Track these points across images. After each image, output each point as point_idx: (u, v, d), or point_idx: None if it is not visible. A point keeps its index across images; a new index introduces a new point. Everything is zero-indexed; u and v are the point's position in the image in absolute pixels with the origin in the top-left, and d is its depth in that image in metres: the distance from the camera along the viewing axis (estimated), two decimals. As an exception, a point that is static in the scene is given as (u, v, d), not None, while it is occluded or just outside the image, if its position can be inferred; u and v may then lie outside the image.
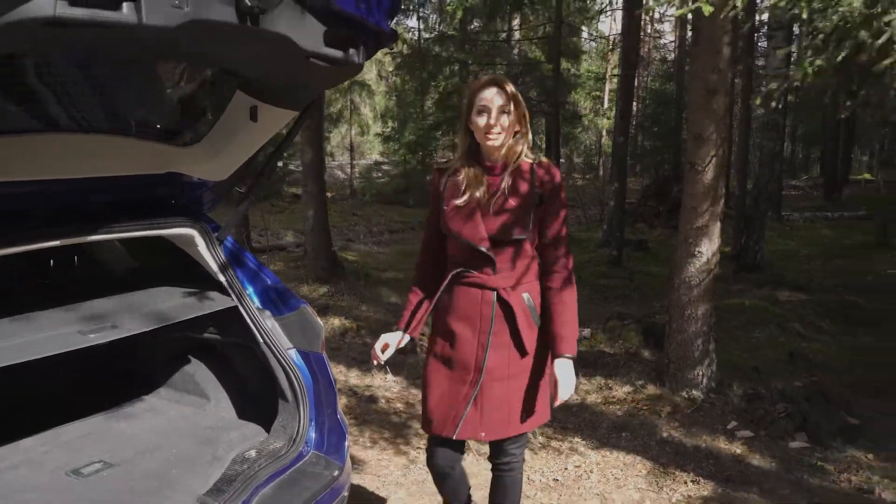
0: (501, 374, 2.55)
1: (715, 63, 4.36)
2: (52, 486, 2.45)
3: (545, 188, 2.53)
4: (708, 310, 4.75)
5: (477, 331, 2.56)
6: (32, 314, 2.46)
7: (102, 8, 1.52)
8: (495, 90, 2.48)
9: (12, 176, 2.25)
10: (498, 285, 2.52)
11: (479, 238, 2.50)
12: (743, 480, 3.93)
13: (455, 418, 2.57)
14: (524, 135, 2.55)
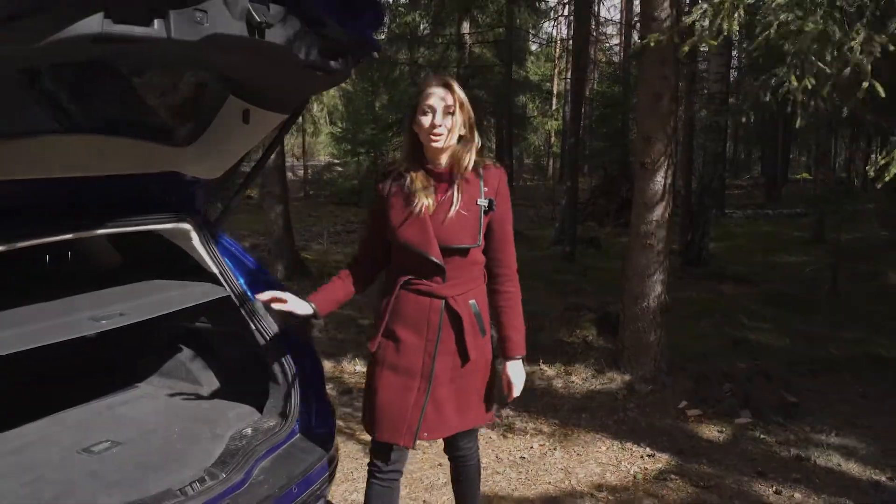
0: (446, 379, 2.54)
1: (661, 70, 4.71)
2: (66, 462, 2.64)
3: (494, 193, 2.50)
4: (659, 299, 5.08)
5: (424, 339, 2.52)
6: (44, 304, 2.64)
7: (138, 25, 1.75)
8: (441, 90, 2.41)
9: (25, 174, 2.43)
10: (447, 294, 2.49)
11: (429, 248, 2.44)
12: (694, 453, 4.26)
13: (410, 427, 2.54)
14: (471, 140, 2.48)
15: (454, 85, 2.42)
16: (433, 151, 2.45)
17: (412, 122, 2.47)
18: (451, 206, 2.45)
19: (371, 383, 2.62)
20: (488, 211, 2.49)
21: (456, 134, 2.42)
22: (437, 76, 2.48)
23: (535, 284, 9.29)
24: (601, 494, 3.80)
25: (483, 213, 2.48)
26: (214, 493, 2.45)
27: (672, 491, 3.82)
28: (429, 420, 2.55)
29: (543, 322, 6.61)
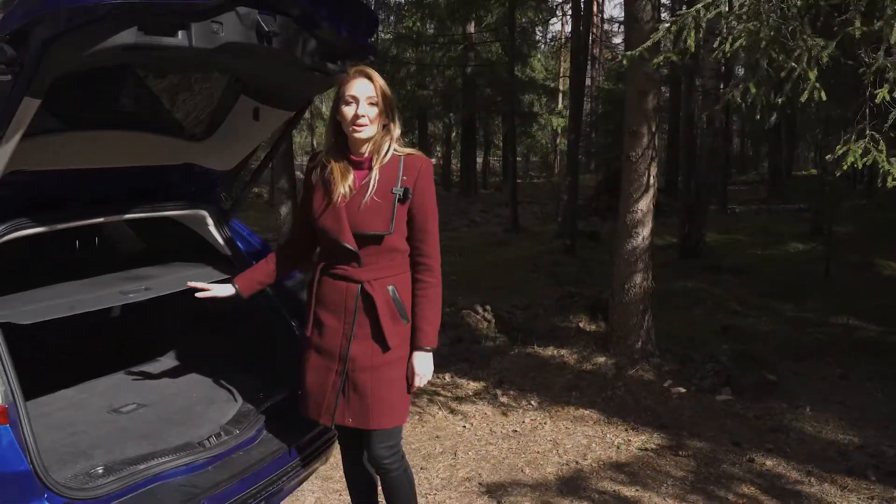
0: (364, 364, 2.59)
1: (644, 68, 5.01)
2: (98, 420, 2.98)
3: (412, 182, 2.53)
4: (644, 283, 5.39)
5: (342, 322, 2.59)
6: (77, 281, 2.99)
7: (165, 35, 2.08)
8: (363, 81, 2.47)
9: (66, 165, 2.77)
10: (362, 278, 2.55)
11: (342, 234, 2.51)
12: (675, 426, 4.57)
13: (328, 407, 2.63)
14: (392, 128, 2.54)
15: (375, 75, 2.49)
16: (355, 141, 2.52)
17: (335, 113, 2.54)
18: (366, 194, 2.50)
19: (302, 365, 2.74)
20: (403, 199, 2.52)
21: (378, 123, 2.50)
22: (359, 68, 2.53)
23: (535, 276, 9.62)
24: (585, 462, 4.11)
25: (398, 200, 2.51)
26: (229, 446, 2.79)
27: (652, 459, 4.13)
28: (352, 405, 2.61)
29: (539, 309, 6.93)
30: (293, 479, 2.97)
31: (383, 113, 2.50)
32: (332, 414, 2.62)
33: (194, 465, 2.65)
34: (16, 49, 1.93)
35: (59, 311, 2.61)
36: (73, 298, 2.78)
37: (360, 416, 2.61)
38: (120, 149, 2.95)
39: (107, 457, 2.62)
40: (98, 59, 2.08)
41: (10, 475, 2.15)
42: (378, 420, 2.62)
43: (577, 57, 11.09)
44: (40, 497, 2.21)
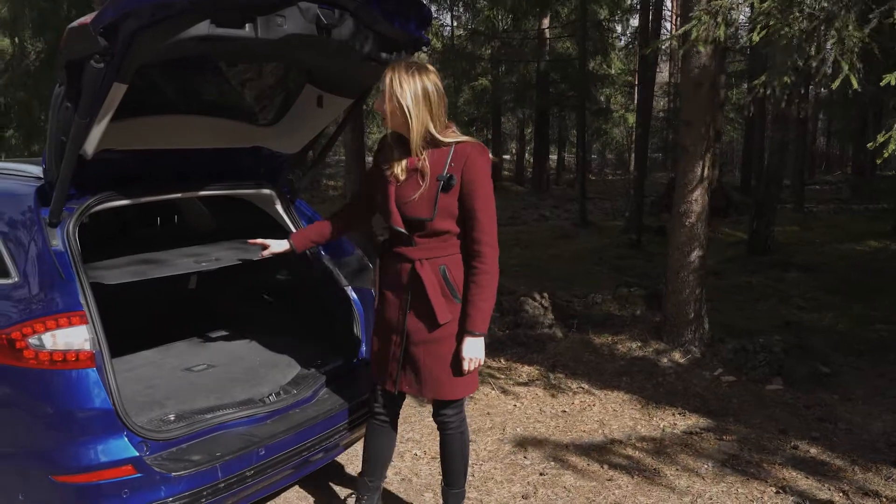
0: (418, 338, 2.74)
1: (699, 60, 5.09)
2: (173, 377, 3.31)
3: (459, 170, 2.59)
4: (698, 272, 5.46)
5: (399, 297, 2.77)
6: (157, 252, 3.32)
7: (234, 27, 2.34)
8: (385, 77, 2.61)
9: (148, 145, 3.09)
10: (414, 257, 2.69)
11: (391, 217, 2.69)
12: (722, 413, 4.65)
13: (391, 374, 2.82)
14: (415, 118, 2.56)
15: (386, 74, 2.60)
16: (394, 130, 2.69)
17: None
18: (414, 180, 2.64)
19: (373, 334, 2.97)
20: (447, 186, 2.59)
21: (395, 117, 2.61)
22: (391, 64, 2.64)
23: (598, 269, 9.70)
24: (629, 441, 4.24)
25: (441, 189, 2.59)
26: (287, 404, 3.08)
27: (696, 442, 4.23)
28: (408, 376, 2.80)
29: (596, 298, 7.05)
30: (345, 437, 3.23)
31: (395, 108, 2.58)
32: (395, 381, 2.83)
33: (255, 418, 2.95)
34: (108, 40, 2.23)
35: (139, 275, 2.94)
36: (152, 265, 3.11)
37: (415, 385, 2.82)
38: (196, 131, 3.26)
39: (178, 407, 2.93)
40: (176, 49, 2.37)
41: (96, 411, 2.47)
42: (433, 391, 2.81)
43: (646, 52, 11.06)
44: (121, 434, 2.52)
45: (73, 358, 2.47)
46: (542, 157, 23.86)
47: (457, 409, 2.93)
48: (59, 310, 2.50)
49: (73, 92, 2.41)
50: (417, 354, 2.77)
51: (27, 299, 2.56)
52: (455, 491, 3.10)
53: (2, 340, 2.50)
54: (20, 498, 2.55)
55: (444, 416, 2.92)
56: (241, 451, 2.74)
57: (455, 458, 3.03)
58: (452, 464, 3.05)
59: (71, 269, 2.60)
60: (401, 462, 3.98)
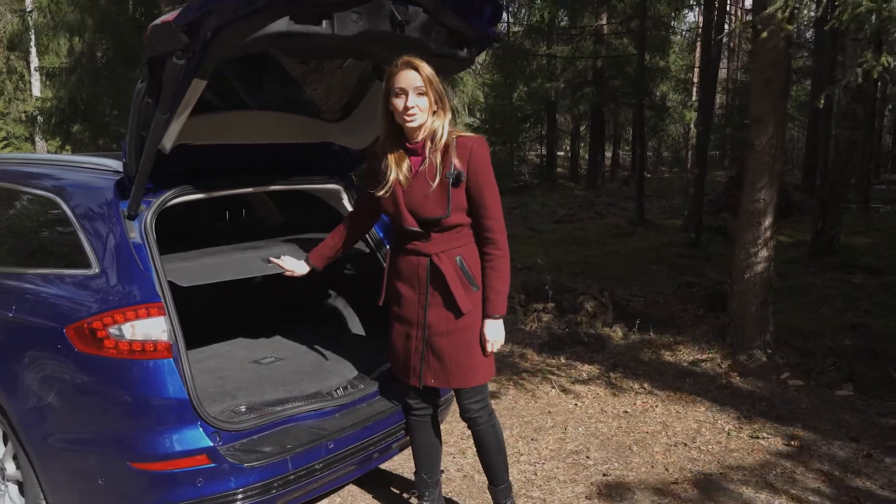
0: (441, 330, 2.79)
1: (771, 57, 4.95)
2: (242, 369, 3.36)
3: (464, 163, 2.66)
4: (765, 273, 5.33)
5: (417, 292, 2.81)
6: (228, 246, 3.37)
7: (311, 24, 2.36)
8: (410, 72, 2.61)
9: (222, 140, 3.13)
10: (430, 251, 2.74)
11: (403, 219, 2.72)
12: (790, 418, 4.53)
13: (414, 370, 2.86)
14: (443, 113, 2.66)
15: (421, 65, 2.62)
16: (409, 130, 2.70)
17: (387, 106, 2.70)
18: (422, 179, 2.69)
19: (388, 333, 3.00)
20: (457, 183, 2.66)
21: (429, 111, 2.66)
22: (404, 59, 2.64)
23: (657, 268, 9.55)
24: (693, 444, 4.17)
25: (452, 185, 2.66)
26: (354, 398, 3.10)
27: (762, 446, 4.13)
28: (433, 367, 2.84)
29: (657, 298, 6.94)
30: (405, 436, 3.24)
31: (432, 101, 2.65)
32: (420, 376, 2.86)
33: (323, 412, 2.98)
34: (189, 37, 2.26)
35: (212, 276, 3.00)
36: (223, 263, 3.16)
37: (440, 376, 2.85)
38: (267, 127, 3.30)
39: (249, 398, 2.98)
40: (255, 46, 2.39)
41: (172, 401, 2.52)
42: (459, 380, 2.85)
43: (709, 47, 10.86)
44: (195, 424, 2.57)
45: (152, 348, 2.52)
46: (597, 154, 23.62)
47: (483, 402, 2.95)
48: (138, 301, 2.55)
49: (154, 88, 2.46)
50: (441, 345, 2.80)
51: (107, 290, 2.62)
52: (502, 486, 3.11)
53: (83, 329, 2.57)
54: (100, 482, 2.62)
55: (472, 410, 2.93)
56: (311, 444, 2.77)
57: (493, 452, 3.03)
58: (492, 459, 3.05)
59: (148, 261, 2.66)
60: (462, 459, 3.98)
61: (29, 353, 2.78)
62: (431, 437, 3.14)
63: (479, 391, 2.93)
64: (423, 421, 3.10)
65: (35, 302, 2.81)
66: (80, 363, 2.59)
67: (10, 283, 2.97)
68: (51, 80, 15.46)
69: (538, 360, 5.65)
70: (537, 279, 7.37)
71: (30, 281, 2.90)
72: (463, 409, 2.95)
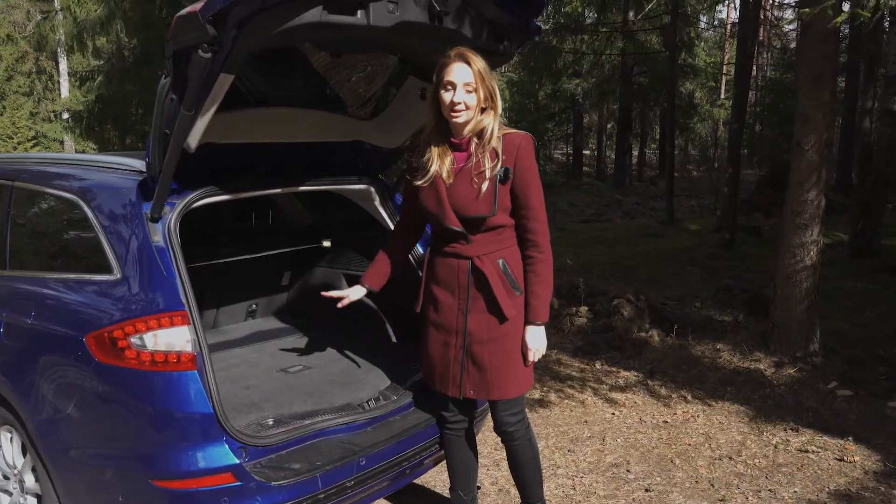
0: (482, 337, 2.65)
1: (822, 51, 4.72)
2: (269, 378, 3.22)
3: (511, 161, 2.54)
4: (811, 278, 5.11)
5: (456, 297, 2.66)
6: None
7: (346, 14, 2.20)
8: (461, 66, 2.48)
9: (249, 139, 2.99)
10: (472, 254, 2.60)
11: (446, 218, 2.57)
12: (840, 430, 4.30)
13: (454, 379, 2.71)
14: (493, 110, 2.55)
15: (474, 59, 2.50)
16: (455, 125, 2.57)
17: (435, 97, 2.57)
18: (468, 176, 2.56)
19: (422, 340, 2.84)
20: (504, 180, 2.54)
21: (477, 108, 2.53)
22: (457, 51, 2.52)
23: (690, 269, 9.32)
24: (739, 458, 3.96)
25: (499, 181, 2.54)
26: (386, 410, 2.94)
27: (812, 462, 3.92)
28: (472, 377, 2.70)
29: (694, 302, 6.73)
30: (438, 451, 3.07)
31: (482, 97, 2.52)
32: (459, 386, 2.72)
33: (354, 425, 2.81)
34: (217, 29, 2.11)
35: None
36: None
37: (480, 387, 2.70)
38: (296, 124, 3.15)
39: (276, 410, 2.83)
40: (286, 38, 2.24)
41: (196, 416, 2.38)
42: (499, 390, 2.70)
43: (745, 43, 10.58)
44: (220, 440, 2.42)
45: (175, 359, 2.38)
46: (624, 153, 23.33)
47: (520, 415, 2.82)
48: (161, 309, 2.41)
49: (179, 83, 2.31)
50: (482, 354, 2.67)
51: (128, 296, 2.48)
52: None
53: (104, 338, 2.43)
54: (120, 499, 2.48)
55: (508, 423, 2.79)
56: (342, 460, 2.61)
57: (528, 468, 2.90)
58: (527, 475, 2.91)
59: (172, 267, 2.51)
60: (497, 471, 3.82)
61: (48, 361, 2.66)
62: (468, 452, 2.99)
63: (516, 403, 2.79)
64: (459, 435, 2.95)
65: (54, 308, 2.69)
66: (100, 374, 2.45)
67: (30, 289, 2.85)
68: (79, 80, 15.50)
69: (573, 366, 5.46)
70: (568, 281, 7.18)
71: (49, 286, 2.78)
72: (499, 423, 2.81)
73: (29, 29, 22.12)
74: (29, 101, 25.50)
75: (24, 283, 2.92)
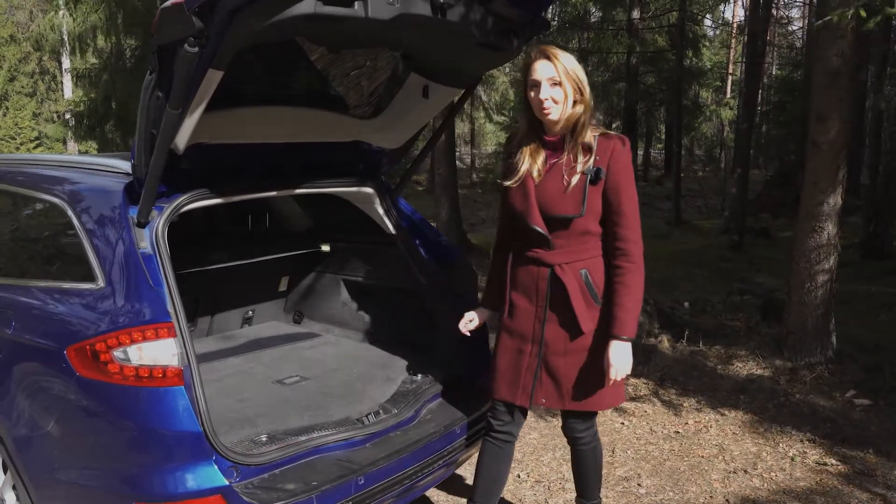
0: (558, 349, 2.57)
1: (839, 46, 4.56)
2: (263, 390, 3.07)
3: (605, 162, 2.45)
4: (828, 283, 4.95)
5: (534, 305, 2.58)
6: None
7: (341, 6, 2.05)
8: (544, 63, 2.43)
9: (243, 139, 2.84)
10: (553, 261, 2.52)
11: (530, 216, 2.49)
12: (860, 442, 4.14)
13: (525, 388, 2.63)
14: (584, 104, 2.46)
15: (556, 55, 2.44)
16: (546, 123, 2.51)
17: (526, 98, 2.52)
18: (558, 174, 2.48)
19: (495, 347, 2.76)
20: (595, 180, 2.45)
21: (567, 103, 2.44)
22: (540, 48, 2.47)
23: (699, 272, 9.15)
24: (755, 472, 3.81)
25: (589, 182, 2.45)
26: (387, 425, 2.78)
27: (832, 476, 3.76)
28: (546, 387, 2.61)
29: (705, 306, 6.56)
30: (449, 462, 2.93)
31: (570, 91, 2.43)
32: (530, 395, 2.63)
33: (353, 441, 2.67)
34: (203, 21, 1.96)
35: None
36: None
37: (554, 397, 2.63)
38: (293, 124, 3.00)
39: (270, 426, 2.68)
40: (278, 31, 2.09)
41: (184, 434, 2.23)
42: (576, 402, 2.62)
43: (755, 41, 10.41)
44: (209, 459, 2.28)
45: (160, 374, 2.23)
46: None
47: (591, 425, 2.78)
48: (147, 320, 2.26)
49: (165, 80, 2.17)
50: (557, 365, 2.59)
51: (112, 307, 2.34)
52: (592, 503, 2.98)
53: (85, 351, 2.29)
54: None
55: (577, 430, 2.76)
56: (340, 480, 2.46)
57: (590, 471, 2.90)
58: (587, 477, 2.92)
59: (159, 275, 2.37)
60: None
61: (28, 375, 2.52)
62: (501, 468, 2.83)
63: (590, 414, 2.74)
64: (501, 447, 2.80)
65: (34, 318, 2.55)
66: (82, 389, 2.31)
67: (9, 297, 2.71)
68: (81, 80, 15.37)
69: (580, 373, 5.30)
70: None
71: (30, 295, 2.63)
72: (567, 429, 2.79)
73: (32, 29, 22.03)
74: (32, 101, 25.44)
75: (2, 291, 2.78)
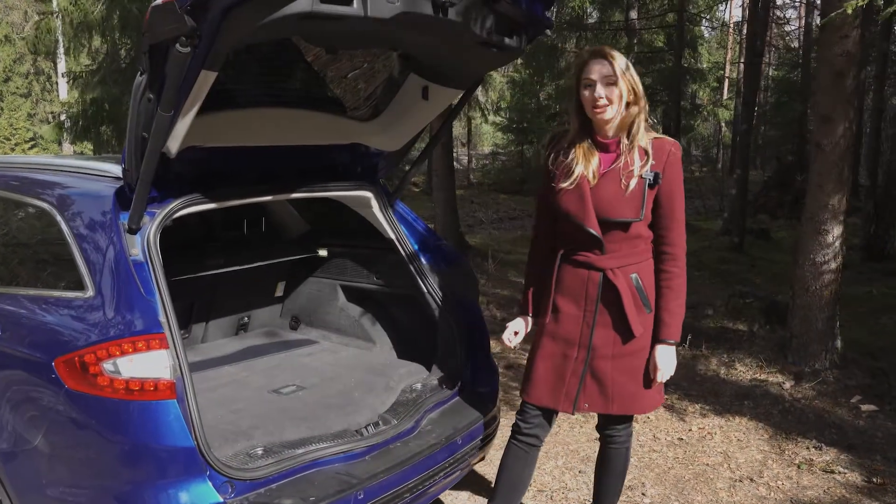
0: (606, 353, 2.54)
1: (843, 46, 4.49)
2: (259, 399, 2.98)
3: (661, 166, 2.43)
4: (832, 286, 4.87)
5: (583, 309, 2.54)
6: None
7: (340, 4, 1.97)
8: (599, 62, 2.39)
9: (237, 142, 2.76)
10: (605, 266, 2.49)
11: (587, 219, 2.45)
12: (867, 449, 4.07)
13: (569, 394, 2.58)
14: (639, 106, 2.43)
15: (612, 54, 2.40)
16: (599, 123, 2.46)
17: (578, 98, 2.46)
18: (615, 177, 2.43)
19: (533, 351, 2.68)
20: (653, 184, 2.43)
21: (621, 103, 2.40)
22: (595, 48, 2.45)
23: (700, 274, 9.08)
24: (761, 480, 3.73)
25: (648, 186, 2.42)
26: (387, 437, 2.70)
27: (840, 484, 3.69)
28: (589, 391, 2.57)
29: (707, 309, 6.49)
30: (450, 474, 2.85)
31: (625, 92, 2.39)
32: (574, 401, 2.59)
33: (352, 454, 2.59)
34: (196, 20, 1.88)
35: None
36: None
37: (598, 401, 2.59)
38: (288, 127, 2.92)
39: (266, 438, 2.59)
40: (274, 30, 2.01)
41: (176, 449, 2.15)
42: (619, 406, 2.60)
43: (753, 42, 10.35)
44: (202, 474, 2.20)
45: (152, 387, 2.15)
46: (628, 154, 23.04)
47: (629, 427, 2.78)
48: (138, 331, 2.18)
49: (156, 81, 2.08)
50: (605, 369, 2.56)
51: (102, 317, 2.25)
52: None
53: (74, 363, 2.20)
54: None
55: (615, 430, 2.75)
56: (338, 494, 2.38)
57: (615, 475, 2.86)
58: (611, 482, 2.88)
59: (151, 284, 2.29)
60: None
61: (15, 387, 2.43)
62: (524, 472, 2.78)
63: (629, 416, 2.74)
64: (526, 451, 2.74)
65: (21, 328, 2.45)
66: (70, 402, 2.22)
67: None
68: (76, 81, 15.25)
69: (581, 378, 5.22)
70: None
71: (18, 303, 2.54)
72: (605, 427, 2.78)
73: (26, 30, 21.92)
74: (27, 102, 25.32)
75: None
